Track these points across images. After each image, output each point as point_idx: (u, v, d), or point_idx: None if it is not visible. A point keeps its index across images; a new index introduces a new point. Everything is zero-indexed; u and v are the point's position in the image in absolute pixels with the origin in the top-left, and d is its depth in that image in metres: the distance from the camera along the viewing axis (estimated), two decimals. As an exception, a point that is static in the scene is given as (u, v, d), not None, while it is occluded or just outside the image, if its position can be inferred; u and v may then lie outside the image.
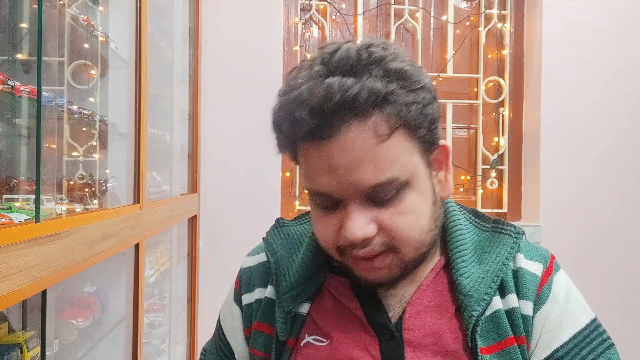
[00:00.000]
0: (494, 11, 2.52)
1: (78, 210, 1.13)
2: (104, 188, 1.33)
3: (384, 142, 0.55)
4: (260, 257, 0.75)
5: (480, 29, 2.53)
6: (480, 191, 2.54)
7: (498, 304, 0.62)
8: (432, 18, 2.53)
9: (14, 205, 0.87)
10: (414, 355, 0.61)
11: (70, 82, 1.27)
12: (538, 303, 0.63)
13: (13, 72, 0.99)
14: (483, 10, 2.53)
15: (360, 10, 2.46)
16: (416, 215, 0.59)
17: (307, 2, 2.42)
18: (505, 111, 2.55)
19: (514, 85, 2.56)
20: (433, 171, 0.63)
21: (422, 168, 0.60)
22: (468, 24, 2.55)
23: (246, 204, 2.24)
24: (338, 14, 2.46)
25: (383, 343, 0.62)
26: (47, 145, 1.10)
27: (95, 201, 1.26)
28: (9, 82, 0.85)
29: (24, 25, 0.99)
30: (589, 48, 2.42)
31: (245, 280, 0.74)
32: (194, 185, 2.20)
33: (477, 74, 2.53)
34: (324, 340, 0.65)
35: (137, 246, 1.33)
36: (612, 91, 2.43)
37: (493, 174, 2.53)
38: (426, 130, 0.58)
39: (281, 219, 0.77)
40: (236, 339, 0.74)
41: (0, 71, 0.90)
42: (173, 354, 1.93)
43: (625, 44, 2.44)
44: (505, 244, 0.65)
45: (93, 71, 1.33)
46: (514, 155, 2.55)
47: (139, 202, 1.34)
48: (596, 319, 0.65)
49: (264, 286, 0.72)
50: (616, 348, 0.64)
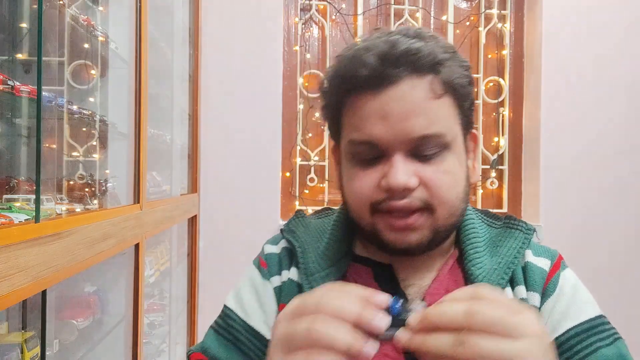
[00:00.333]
0: (494, 11, 2.52)
1: (78, 210, 1.13)
2: (104, 188, 1.33)
3: (436, 100, 0.60)
4: (282, 244, 0.76)
5: (480, 29, 2.53)
6: (480, 191, 2.54)
7: (509, 294, 0.64)
8: (432, 18, 2.53)
9: (14, 205, 0.87)
10: None
11: (70, 82, 1.27)
12: (545, 295, 0.65)
13: (13, 72, 0.99)
14: (483, 10, 2.53)
15: (360, 10, 2.47)
16: (454, 178, 0.62)
17: (307, 2, 2.42)
18: (505, 111, 2.56)
19: (514, 85, 2.56)
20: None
21: (461, 141, 0.63)
22: (468, 24, 2.55)
23: (246, 204, 2.24)
24: (338, 14, 2.46)
25: None
26: (47, 145, 1.10)
27: (95, 201, 1.26)
28: (9, 82, 0.85)
29: (24, 25, 0.99)
30: (589, 48, 2.42)
31: (274, 263, 0.73)
32: (193, 185, 2.20)
33: (477, 74, 2.53)
34: None
35: (137, 246, 1.33)
36: (612, 91, 2.43)
37: (493, 174, 2.53)
38: (468, 105, 0.64)
39: (301, 211, 0.80)
40: (266, 316, 0.70)
41: (0, 71, 0.90)
42: (173, 354, 1.93)
43: (625, 44, 2.44)
44: (517, 238, 0.68)
45: (93, 71, 1.33)
46: (514, 155, 2.55)
47: (139, 202, 1.34)
48: (604, 316, 0.65)
49: (288, 269, 0.72)
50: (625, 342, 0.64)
